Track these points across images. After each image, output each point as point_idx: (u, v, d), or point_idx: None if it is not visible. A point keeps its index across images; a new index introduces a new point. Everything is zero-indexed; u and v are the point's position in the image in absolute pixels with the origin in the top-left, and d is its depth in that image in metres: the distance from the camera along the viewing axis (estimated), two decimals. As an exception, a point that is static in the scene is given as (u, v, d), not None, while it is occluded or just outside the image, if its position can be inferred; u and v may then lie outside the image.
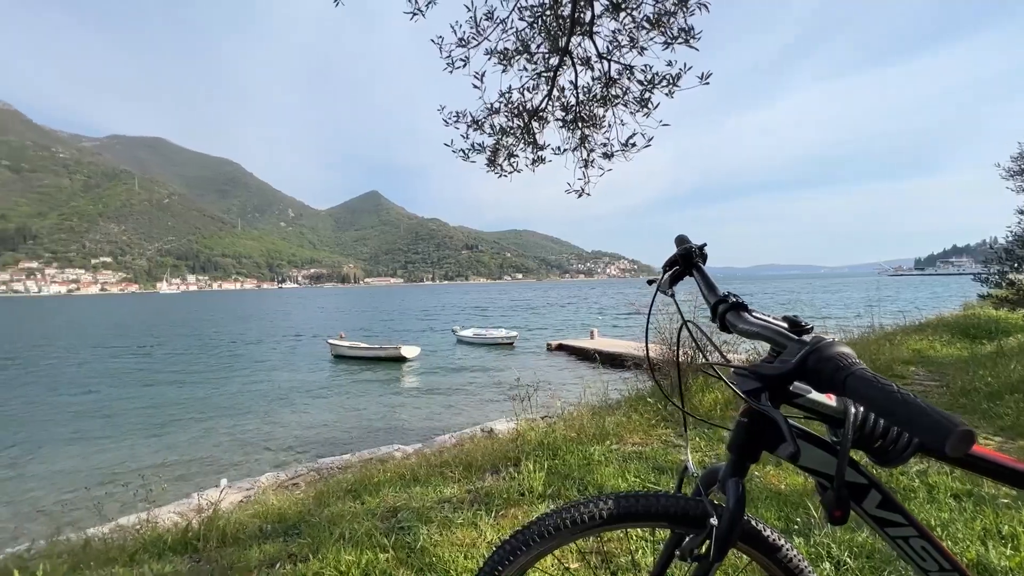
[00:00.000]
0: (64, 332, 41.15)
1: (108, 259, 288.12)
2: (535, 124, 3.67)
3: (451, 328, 29.25)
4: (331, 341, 22.93)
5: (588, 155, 3.74)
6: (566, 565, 2.53)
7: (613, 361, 13.45)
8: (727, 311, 1.00)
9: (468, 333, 26.51)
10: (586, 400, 6.34)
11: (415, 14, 3.22)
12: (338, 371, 19.05)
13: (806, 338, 0.82)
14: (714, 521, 0.91)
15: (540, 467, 3.82)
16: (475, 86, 3.56)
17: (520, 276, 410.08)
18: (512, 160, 3.78)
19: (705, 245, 1.17)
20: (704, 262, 1.17)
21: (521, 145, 3.75)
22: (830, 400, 0.87)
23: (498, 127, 3.72)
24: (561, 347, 22.10)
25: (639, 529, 2.96)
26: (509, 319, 40.96)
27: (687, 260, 1.14)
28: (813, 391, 0.86)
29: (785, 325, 0.88)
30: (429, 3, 3.18)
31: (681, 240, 1.19)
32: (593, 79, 3.69)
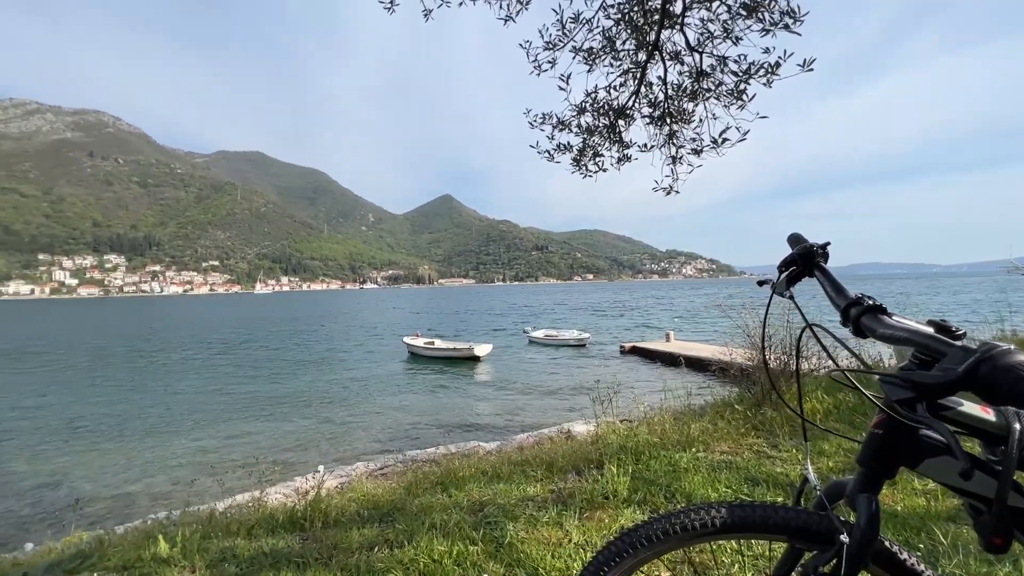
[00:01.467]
0: (181, 329, 46.48)
1: (216, 262, 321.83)
2: (621, 122, 3.61)
3: (522, 329, 29.47)
4: (407, 340, 23.90)
5: (676, 151, 3.62)
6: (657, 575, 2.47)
7: (693, 365, 12.91)
8: (862, 315, 0.93)
9: (540, 334, 26.58)
10: (667, 404, 6.14)
11: (507, 20, 3.30)
12: (414, 369, 19.87)
13: (969, 344, 0.74)
14: (845, 538, 0.85)
15: (624, 471, 3.75)
16: (561, 88, 3.57)
17: (591, 277, 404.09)
18: (598, 159, 3.75)
19: (828, 244, 1.09)
20: (826, 261, 1.09)
21: (607, 144, 3.71)
22: (987, 414, 0.77)
23: (584, 126, 3.71)
24: (635, 349, 21.53)
25: (734, 541, 2.83)
26: (580, 320, 40.55)
27: (807, 260, 1.06)
28: (965, 403, 0.78)
29: (931, 330, 0.81)
30: (520, 10, 3.24)
31: (796, 239, 1.13)
32: (681, 73, 3.57)
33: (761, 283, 1.23)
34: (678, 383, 8.48)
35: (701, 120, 3.39)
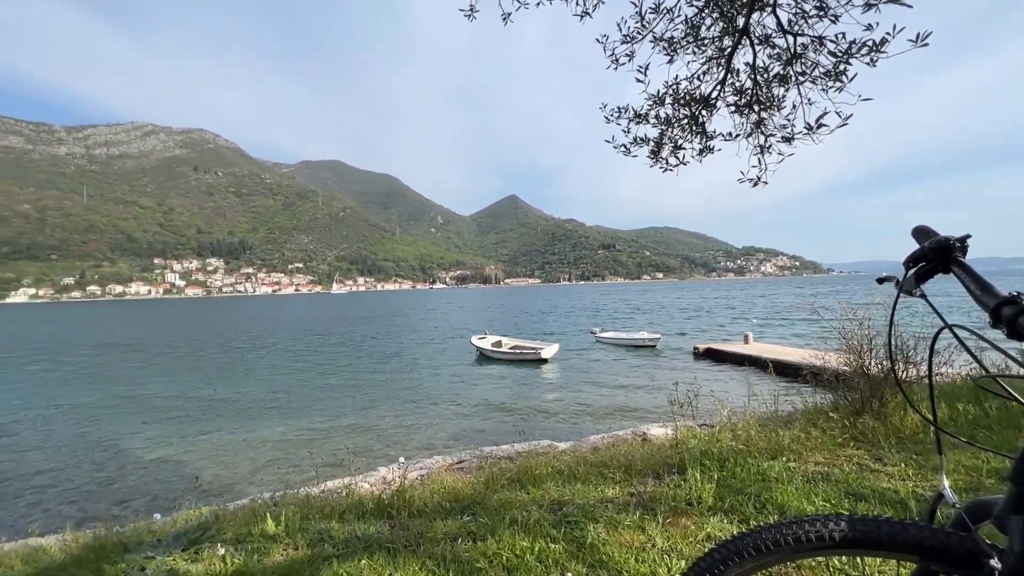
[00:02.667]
0: (271, 326, 50.51)
1: (300, 265, 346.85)
2: (704, 112, 3.46)
3: (590, 329, 29.09)
4: (475, 340, 24.37)
5: (765, 140, 3.41)
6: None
7: (778, 369, 12.11)
8: (1019, 315, 0.82)
9: (608, 334, 26.10)
10: (751, 410, 5.81)
11: (583, 16, 3.28)
12: (482, 368, 20.23)
13: None
14: (996, 563, 0.76)
15: (708, 478, 3.60)
16: (639, 80, 3.49)
17: (660, 275, 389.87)
18: (678, 152, 3.62)
19: (968, 237, 0.97)
20: (964, 256, 0.97)
21: (688, 135, 3.57)
22: None
23: (663, 118, 3.60)
24: (710, 352, 20.54)
25: (835, 558, 2.62)
26: (649, 320, 39.35)
27: (942, 255, 0.96)
28: None
29: None
30: (596, 4, 3.20)
31: (924, 232, 1.02)
32: (771, 57, 3.36)
33: (881, 280, 1.12)
34: (761, 388, 7.99)
35: (794, 106, 3.17)
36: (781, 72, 3.26)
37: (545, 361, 20.66)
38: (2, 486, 8.88)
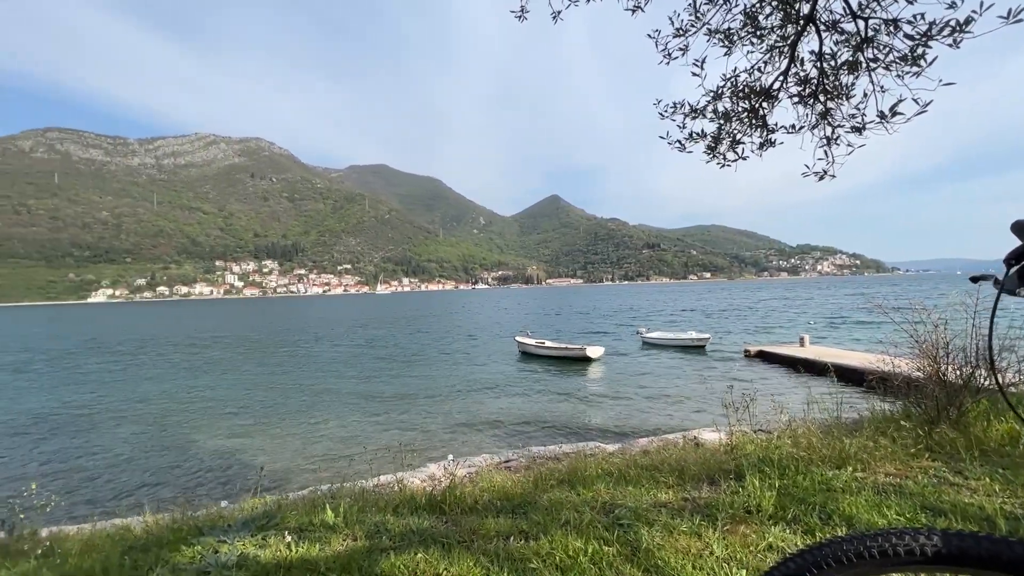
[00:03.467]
0: (322, 325, 52.56)
1: (348, 266, 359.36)
2: (765, 104, 3.32)
3: (636, 329, 28.54)
4: (519, 339, 24.42)
5: (832, 132, 3.23)
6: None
7: (839, 373, 11.43)
8: None
9: (655, 335, 25.53)
10: (810, 416, 5.52)
11: (635, 10, 3.23)
12: (526, 367, 20.23)
13: None
14: None
15: (769, 486, 3.45)
16: (694, 74, 3.39)
17: (708, 275, 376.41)
18: (736, 146, 3.49)
19: None
20: None
21: (747, 129, 3.43)
22: None
23: (720, 112, 3.48)
24: (762, 354, 19.71)
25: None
26: (695, 321, 38.17)
27: None
28: None
29: None
30: (649, -2, 3.14)
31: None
32: (838, 43, 3.19)
33: (976, 279, 1.04)
34: (822, 393, 7.59)
35: (866, 94, 2.98)
36: (850, 59, 3.09)
37: (590, 361, 20.45)
38: (88, 470, 9.69)
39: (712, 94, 3.41)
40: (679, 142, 3.66)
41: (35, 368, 25.04)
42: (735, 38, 3.36)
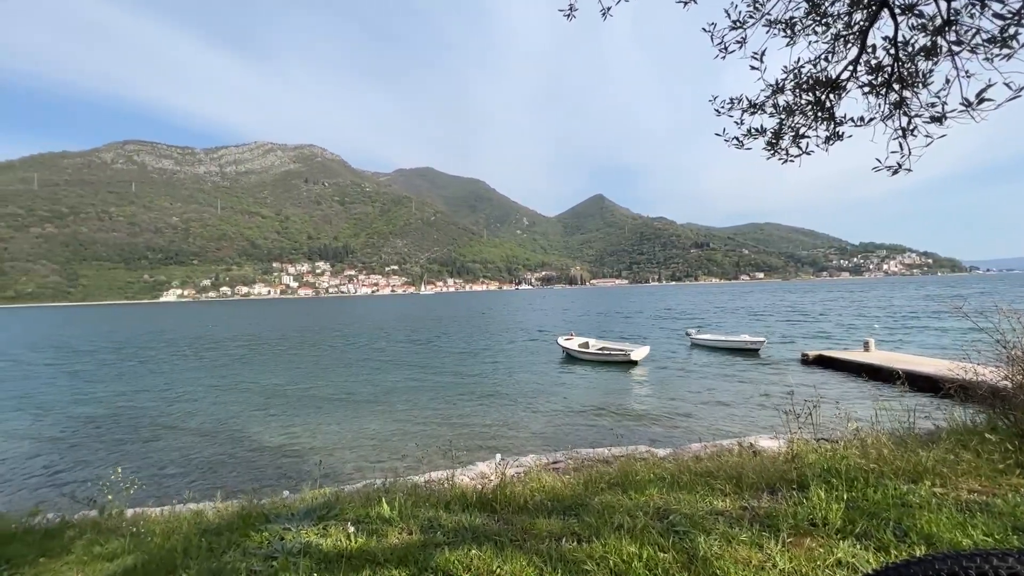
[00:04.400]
0: (372, 324, 54.25)
1: (395, 267, 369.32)
2: (831, 96, 3.15)
3: (685, 331, 27.72)
4: (561, 341, 24.25)
5: (908, 122, 3.02)
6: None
7: (910, 381, 10.68)
8: None
9: (705, 337, 24.70)
10: (880, 425, 5.18)
11: (687, 2, 3.15)
12: (569, 370, 20.07)
13: None
14: None
15: (836, 498, 3.26)
16: (753, 67, 3.26)
17: (761, 275, 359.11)
18: (800, 141, 3.33)
19: None
20: None
21: (812, 122, 3.27)
22: None
23: (782, 106, 3.33)
24: (822, 359, 18.67)
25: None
26: (748, 323, 36.62)
27: None
28: None
29: None
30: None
31: None
32: (914, 27, 2.98)
33: None
34: (891, 401, 7.12)
35: (948, 80, 2.77)
36: (929, 43, 2.88)
37: (635, 363, 20.06)
38: (161, 456, 10.45)
39: (772, 87, 3.26)
40: (736, 139, 3.54)
41: (112, 361, 27.26)
42: (798, 28, 3.21)
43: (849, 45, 3.12)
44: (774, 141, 3.39)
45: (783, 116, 3.31)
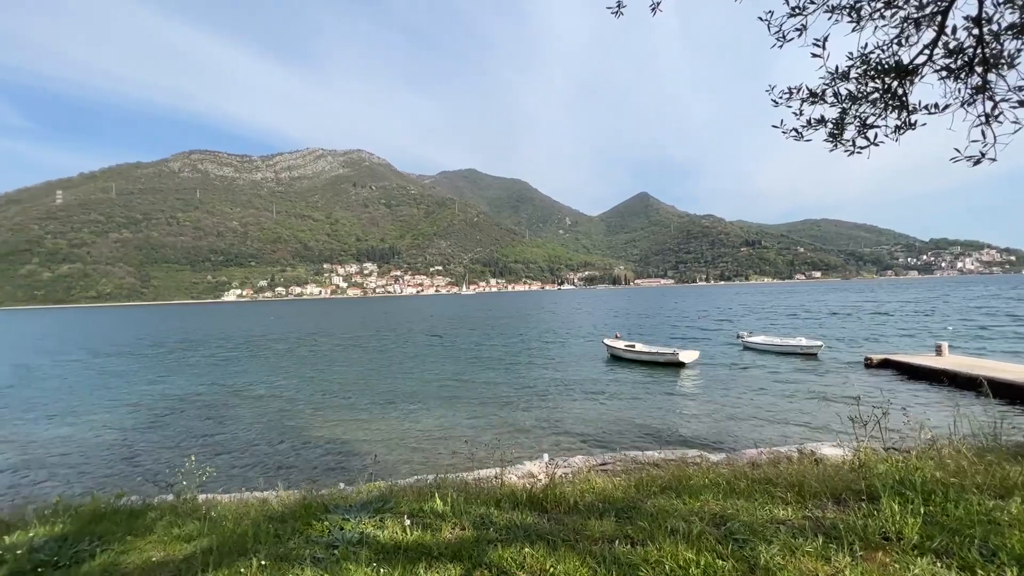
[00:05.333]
0: (421, 323, 55.46)
1: (439, 268, 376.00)
2: (904, 82, 2.96)
3: (736, 333, 26.71)
4: (607, 341, 23.91)
5: (993, 108, 2.79)
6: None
7: (994, 390, 9.87)
8: None
9: (758, 339, 23.70)
10: (959, 435, 4.81)
11: (742, -2, 3.05)
12: (615, 371, 19.77)
13: None
14: None
15: (912, 511, 3.06)
16: (815, 55, 3.12)
17: (818, 274, 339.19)
18: (867, 131, 3.14)
19: None
20: None
21: (880, 111, 3.08)
22: None
23: (845, 95, 3.16)
24: (888, 363, 17.53)
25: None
26: (805, 325, 34.81)
27: None
28: None
29: None
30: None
31: None
32: (999, 4, 2.76)
33: None
34: (971, 409, 6.59)
35: (1043, 61, 2.54)
36: (1019, 20, 2.66)
37: (683, 366, 19.52)
38: (230, 448, 11.11)
39: (835, 75, 3.10)
40: (795, 130, 3.39)
41: (183, 357, 29.22)
42: (864, 12, 3.04)
43: (924, 27, 2.93)
44: (836, 132, 3.23)
45: (848, 105, 3.14)
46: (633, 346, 22.74)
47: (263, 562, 2.88)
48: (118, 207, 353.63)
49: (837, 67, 3.23)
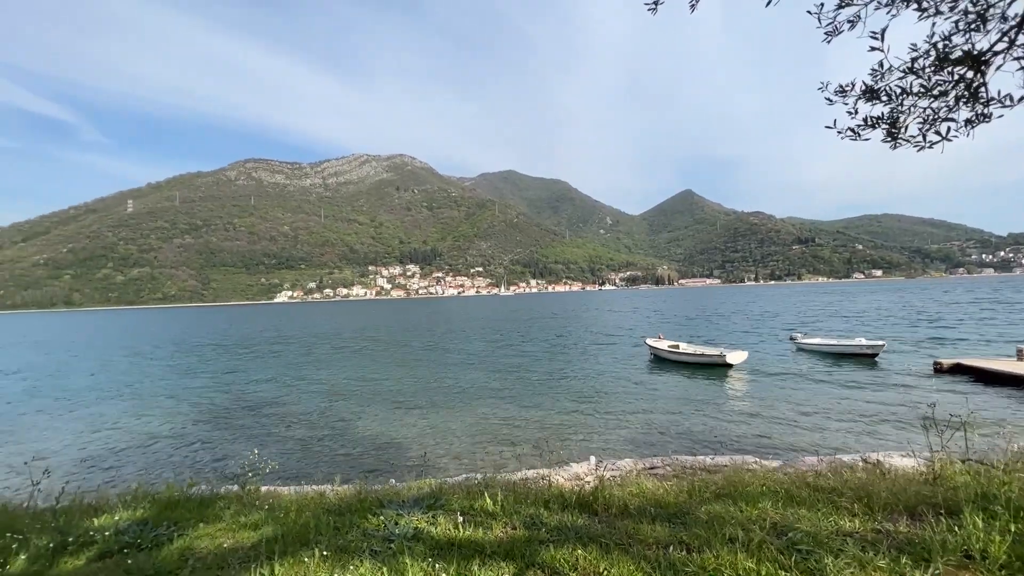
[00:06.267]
0: (463, 323, 56.20)
1: (480, 269, 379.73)
2: (978, 72, 2.74)
3: (789, 335, 25.54)
4: (650, 342, 23.40)
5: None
6: None
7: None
8: None
9: (813, 341, 22.57)
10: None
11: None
12: (658, 373, 19.32)
13: None
14: None
15: (999, 528, 2.83)
16: (873, 48, 2.94)
17: (878, 273, 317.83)
18: (936, 125, 2.93)
19: None
20: None
21: (952, 105, 2.87)
22: None
23: (900, 91, 2.97)
24: (960, 368, 16.29)
25: None
26: (863, 326, 32.80)
27: None
28: None
29: None
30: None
31: None
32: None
33: None
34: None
35: None
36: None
37: (730, 367, 18.85)
38: (288, 441, 11.64)
39: (896, 69, 2.91)
40: (851, 130, 3.21)
41: (242, 355, 30.84)
42: (927, 2, 2.84)
43: (1001, 10, 2.71)
44: (894, 131, 3.03)
45: (913, 100, 2.94)
46: (677, 346, 22.15)
47: (324, 553, 3.00)
48: (181, 214, 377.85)
49: (901, 60, 3.03)
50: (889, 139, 3.18)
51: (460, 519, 3.30)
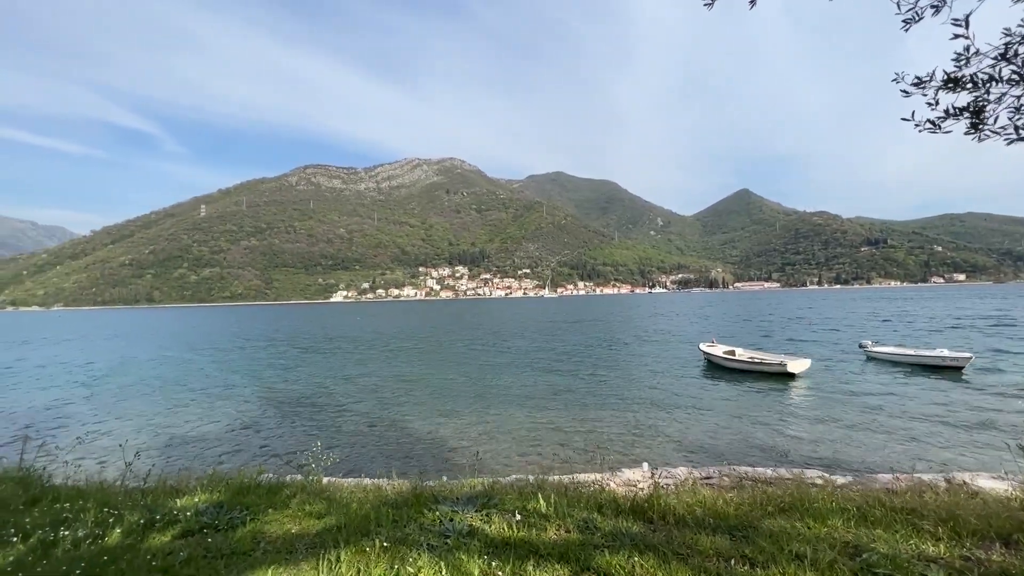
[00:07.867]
0: (515, 324, 56.57)
1: (527, 270, 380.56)
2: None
3: (858, 342, 23.93)
4: (704, 347, 22.61)
5: None
6: None
7: None
8: None
9: (887, 350, 21.03)
10: None
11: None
12: (713, 379, 18.61)
13: None
14: None
15: (1113, 562, 2.54)
16: (957, 34, 2.73)
17: (961, 277, 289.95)
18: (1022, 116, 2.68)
19: None
20: None
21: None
22: None
23: (997, 77, 2.73)
24: (1062, 383, 14.63)
25: None
26: (943, 335, 30.17)
27: None
28: None
29: None
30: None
31: None
32: None
33: None
34: None
35: None
36: None
37: (792, 376, 17.88)
38: (347, 433, 12.16)
39: (980, 54, 2.68)
40: (931, 122, 2.99)
41: (304, 351, 32.48)
42: None
43: None
44: (978, 124, 2.80)
45: (1007, 87, 2.71)
46: (733, 352, 21.27)
47: (384, 544, 3.12)
48: (247, 218, 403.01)
49: (1006, 46, 2.80)
50: (973, 131, 2.96)
51: (517, 518, 3.33)
